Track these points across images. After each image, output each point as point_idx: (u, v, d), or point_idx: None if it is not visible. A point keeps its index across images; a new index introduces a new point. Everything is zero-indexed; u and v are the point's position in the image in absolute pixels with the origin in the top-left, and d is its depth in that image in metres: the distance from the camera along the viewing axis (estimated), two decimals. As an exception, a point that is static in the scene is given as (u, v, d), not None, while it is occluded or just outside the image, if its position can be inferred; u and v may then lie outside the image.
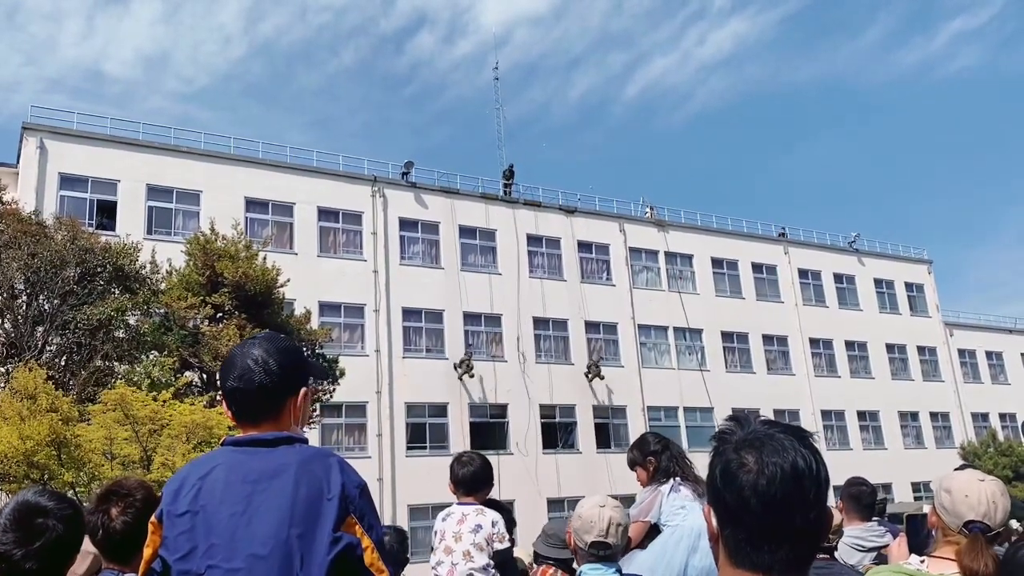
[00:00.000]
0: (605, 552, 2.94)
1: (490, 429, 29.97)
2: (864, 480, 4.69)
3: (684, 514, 3.78)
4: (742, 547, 1.29)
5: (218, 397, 17.45)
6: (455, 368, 29.53)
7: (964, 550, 2.19)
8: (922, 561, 2.33)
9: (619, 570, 3.01)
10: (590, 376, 31.90)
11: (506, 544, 4.10)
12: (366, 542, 1.84)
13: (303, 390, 2.05)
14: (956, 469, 2.53)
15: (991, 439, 38.57)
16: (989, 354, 45.80)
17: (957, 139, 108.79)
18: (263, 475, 1.86)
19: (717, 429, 1.41)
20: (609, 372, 32.43)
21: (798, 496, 1.27)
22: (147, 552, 1.90)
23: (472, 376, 29.70)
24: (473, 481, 4.28)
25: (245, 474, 1.87)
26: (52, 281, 16.89)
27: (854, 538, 4.35)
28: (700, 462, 4.10)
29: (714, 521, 1.35)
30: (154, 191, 26.59)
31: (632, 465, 4.17)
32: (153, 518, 1.93)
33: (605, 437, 32.11)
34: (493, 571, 4.06)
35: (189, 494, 1.87)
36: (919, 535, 2.55)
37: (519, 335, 31.32)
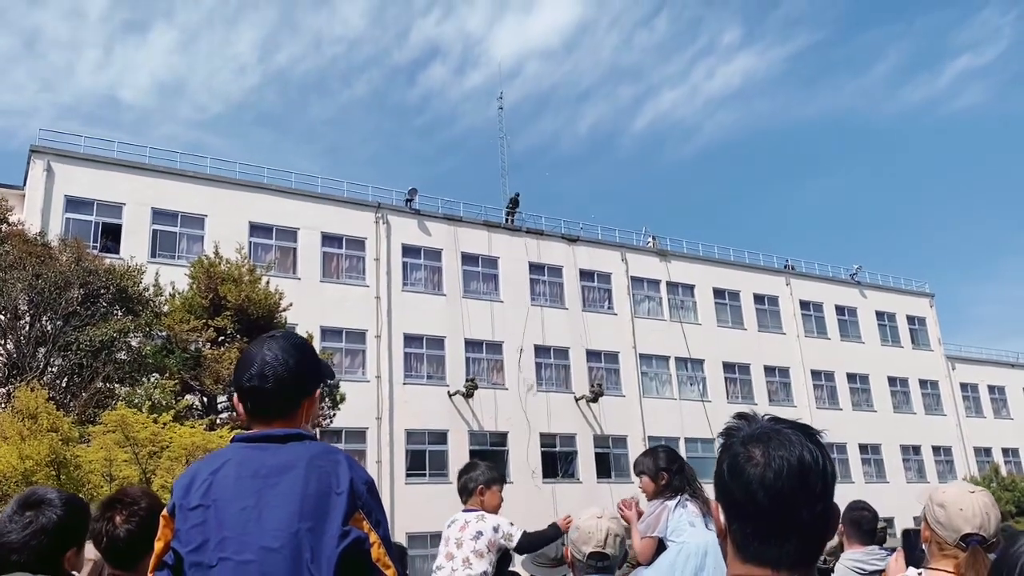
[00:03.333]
0: (603, 563, 2.90)
1: (490, 457, 29.81)
2: (866, 505, 4.68)
3: (691, 531, 3.74)
4: (749, 541, 1.30)
5: (218, 421, 17.43)
6: (456, 394, 29.44)
7: (966, 563, 2.21)
8: (919, 574, 2.35)
9: None
10: (588, 398, 31.78)
11: (514, 543, 4.08)
12: (373, 537, 1.86)
13: (317, 391, 2.09)
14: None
15: (994, 474, 38.29)
16: (991, 388, 45.63)
17: (961, 175, 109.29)
18: (273, 470, 1.89)
19: (724, 426, 1.42)
20: (610, 401, 32.32)
21: (805, 490, 1.28)
22: (159, 545, 1.93)
23: (472, 399, 29.64)
24: (469, 484, 4.26)
25: (256, 469, 1.90)
26: (55, 302, 16.92)
27: (855, 561, 4.34)
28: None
29: (722, 516, 1.35)
30: (159, 215, 26.73)
31: (639, 472, 4.12)
32: (165, 512, 1.96)
33: (605, 466, 31.94)
34: None
35: (200, 488, 1.90)
36: (915, 549, 2.57)
37: (520, 363, 31.29)
